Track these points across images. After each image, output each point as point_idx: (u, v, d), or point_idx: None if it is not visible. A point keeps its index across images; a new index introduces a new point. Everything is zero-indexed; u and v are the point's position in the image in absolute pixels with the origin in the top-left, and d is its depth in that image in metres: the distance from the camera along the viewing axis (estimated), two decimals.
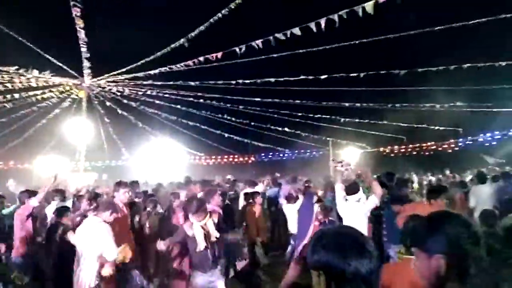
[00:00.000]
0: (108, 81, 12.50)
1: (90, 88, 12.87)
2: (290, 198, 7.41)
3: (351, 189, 5.28)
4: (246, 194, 7.68)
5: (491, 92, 12.38)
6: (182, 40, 8.76)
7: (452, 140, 20.86)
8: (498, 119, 16.76)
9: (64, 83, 12.35)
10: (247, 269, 6.27)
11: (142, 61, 10.35)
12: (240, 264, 6.13)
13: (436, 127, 15.59)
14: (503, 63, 8.09)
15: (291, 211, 7.16)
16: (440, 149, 21.51)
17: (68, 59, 11.01)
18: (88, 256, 4.23)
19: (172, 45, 9.16)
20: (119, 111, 15.27)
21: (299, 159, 23.79)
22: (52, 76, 11.10)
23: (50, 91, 12.88)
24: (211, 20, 7.72)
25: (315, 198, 5.77)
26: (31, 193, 5.89)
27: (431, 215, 1.62)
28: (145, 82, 12.20)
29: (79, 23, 8.86)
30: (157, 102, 14.64)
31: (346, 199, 5.20)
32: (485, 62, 8.08)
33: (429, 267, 1.46)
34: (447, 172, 15.87)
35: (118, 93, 13.85)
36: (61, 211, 5.64)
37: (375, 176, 7.49)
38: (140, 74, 11.21)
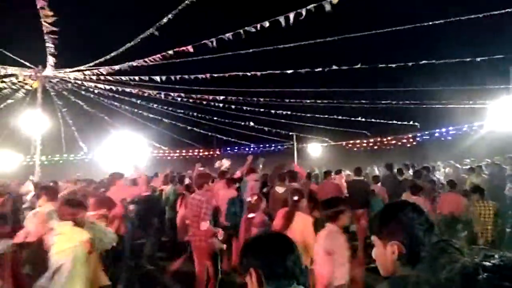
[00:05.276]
0: (70, 74, 11.86)
1: (47, 79, 12.16)
2: None
3: None
4: None
5: (446, 91, 13.16)
6: (151, 30, 8.40)
7: (410, 135, 21.73)
8: (453, 116, 17.71)
9: (17, 73, 11.58)
10: None
11: (108, 56, 9.94)
12: None
13: (395, 122, 16.27)
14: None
15: None
16: (399, 143, 22.39)
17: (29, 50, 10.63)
18: None
19: (141, 36, 8.74)
20: (81, 103, 14.65)
21: (265, 153, 23.94)
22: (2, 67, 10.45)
23: (2, 81, 12.07)
24: (179, 7, 7.42)
25: None
26: None
27: (387, 205, 1.71)
28: (110, 78, 11.71)
29: (46, 15, 8.28)
30: (120, 97, 14.15)
31: None
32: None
33: (384, 253, 1.52)
34: None
35: (78, 85, 13.22)
36: None
37: None
38: (103, 70, 10.74)
